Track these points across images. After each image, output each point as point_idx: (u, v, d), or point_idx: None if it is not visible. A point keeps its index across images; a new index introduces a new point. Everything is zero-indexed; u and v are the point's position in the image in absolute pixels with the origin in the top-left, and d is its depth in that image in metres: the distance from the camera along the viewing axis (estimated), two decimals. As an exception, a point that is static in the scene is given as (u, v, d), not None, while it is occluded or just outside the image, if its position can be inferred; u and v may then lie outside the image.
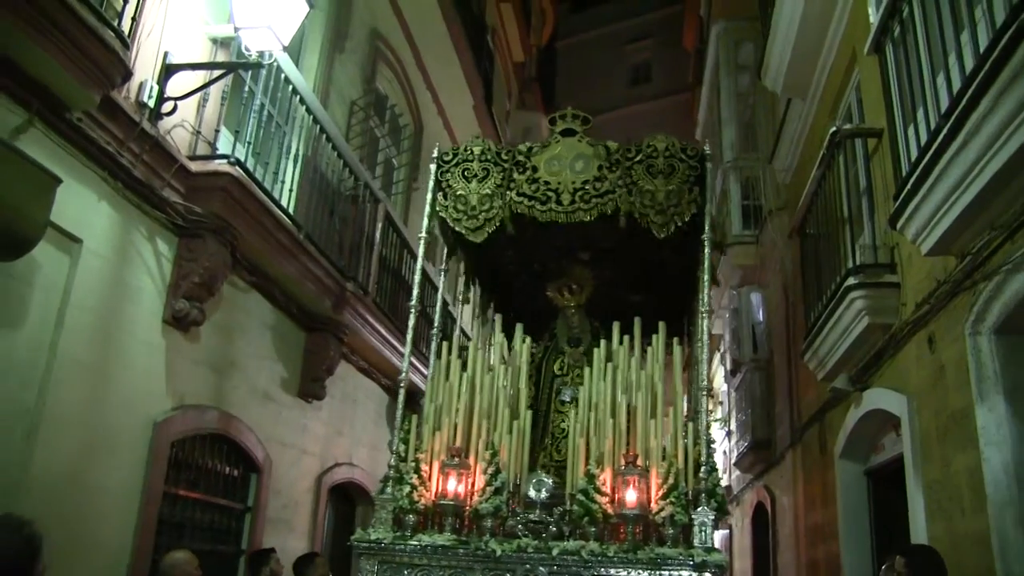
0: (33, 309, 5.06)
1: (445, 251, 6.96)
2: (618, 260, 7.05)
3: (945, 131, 4.42)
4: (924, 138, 4.86)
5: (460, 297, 7.37)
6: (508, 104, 20.19)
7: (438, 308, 6.82)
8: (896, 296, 6.46)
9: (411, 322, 6.31)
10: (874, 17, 5.87)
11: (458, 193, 6.43)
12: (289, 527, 8.33)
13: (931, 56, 4.83)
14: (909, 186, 5.03)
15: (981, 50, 4.06)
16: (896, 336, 6.41)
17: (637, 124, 29.57)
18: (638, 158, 6.25)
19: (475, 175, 6.46)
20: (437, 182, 6.53)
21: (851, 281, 6.60)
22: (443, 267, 7.05)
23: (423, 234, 6.41)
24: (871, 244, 6.82)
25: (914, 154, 5.06)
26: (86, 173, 5.42)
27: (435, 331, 6.73)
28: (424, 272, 6.56)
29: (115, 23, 5.10)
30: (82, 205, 5.33)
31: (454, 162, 6.55)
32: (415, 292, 6.42)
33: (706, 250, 6.10)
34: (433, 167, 6.57)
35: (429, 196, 6.49)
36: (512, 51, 21.17)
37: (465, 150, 6.58)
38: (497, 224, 6.33)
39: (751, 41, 13.37)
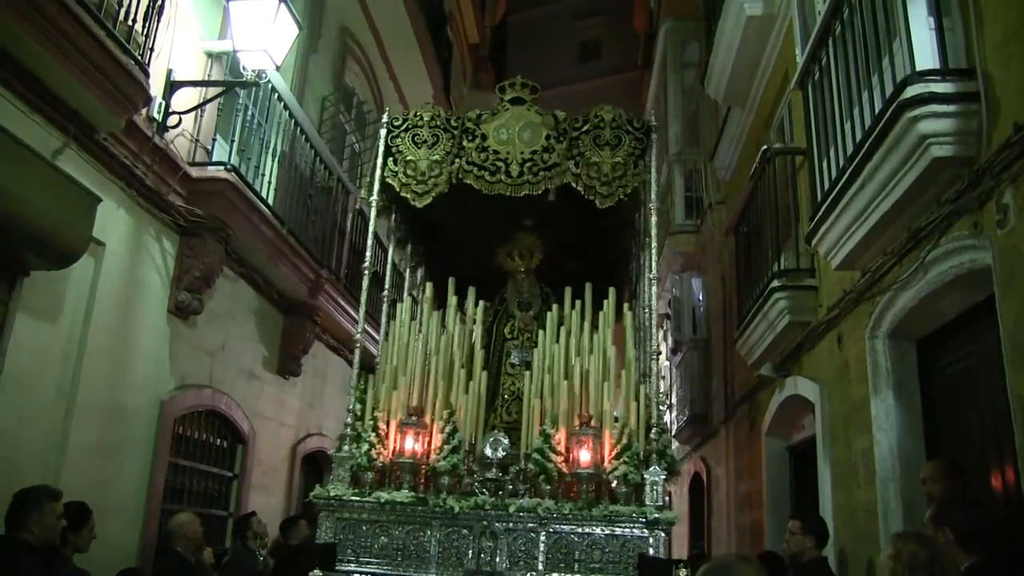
0: (67, 306, 5.79)
1: (394, 217, 7.21)
2: (559, 227, 7.26)
3: (848, 173, 5.24)
4: (834, 173, 5.64)
5: (407, 259, 7.72)
6: (464, 89, 20.68)
7: (388, 272, 7.10)
8: (814, 298, 7.21)
9: (365, 283, 6.66)
10: (800, 58, 6.61)
11: (408, 159, 6.58)
12: (268, 492, 9.11)
13: (841, 104, 5.58)
14: (821, 212, 5.83)
15: (877, 111, 4.87)
16: (813, 333, 7.15)
17: (585, 101, 29.06)
18: (585, 128, 6.47)
19: (425, 141, 6.61)
20: (387, 147, 6.69)
21: (776, 284, 7.37)
22: (394, 231, 7.31)
23: (373, 198, 6.67)
24: (794, 250, 7.54)
25: (827, 184, 5.82)
26: (108, 184, 6.12)
27: (386, 293, 6.95)
28: (378, 238, 6.98)
29: (138, 55, 5.78)
30: (106, 213, 5.98)
31: (404, 127, 6.71)
32: (368, 255, 6.77)
33: (652, 219, 6.40)
34: (383, 132, 6.75)
35: (379, 160, 6.66)
36: (467, 34, 21.28)
37: (415, 116, 6.74)
38: (445, 190, 6.50)
39: (697, 41, 13.83)
